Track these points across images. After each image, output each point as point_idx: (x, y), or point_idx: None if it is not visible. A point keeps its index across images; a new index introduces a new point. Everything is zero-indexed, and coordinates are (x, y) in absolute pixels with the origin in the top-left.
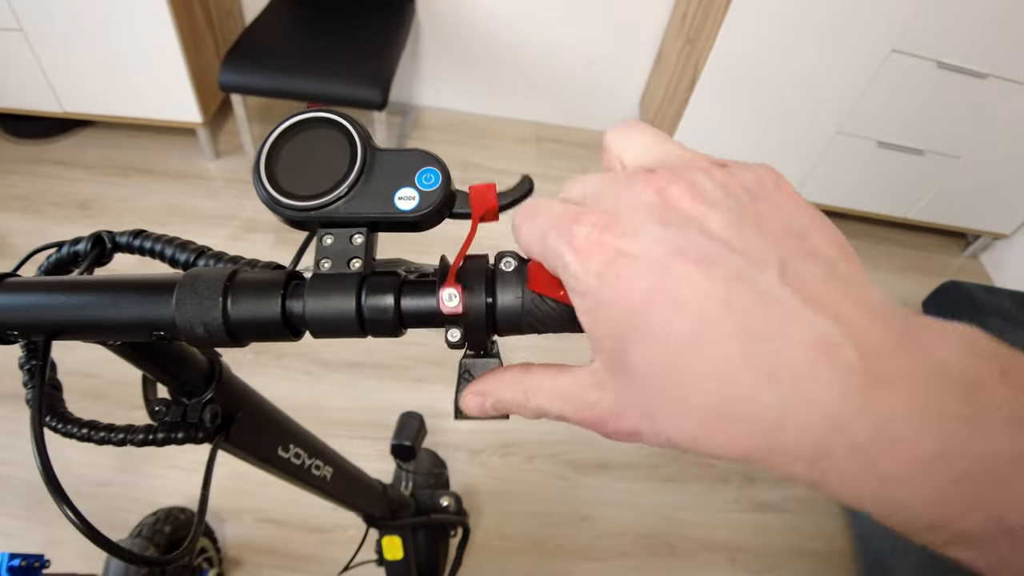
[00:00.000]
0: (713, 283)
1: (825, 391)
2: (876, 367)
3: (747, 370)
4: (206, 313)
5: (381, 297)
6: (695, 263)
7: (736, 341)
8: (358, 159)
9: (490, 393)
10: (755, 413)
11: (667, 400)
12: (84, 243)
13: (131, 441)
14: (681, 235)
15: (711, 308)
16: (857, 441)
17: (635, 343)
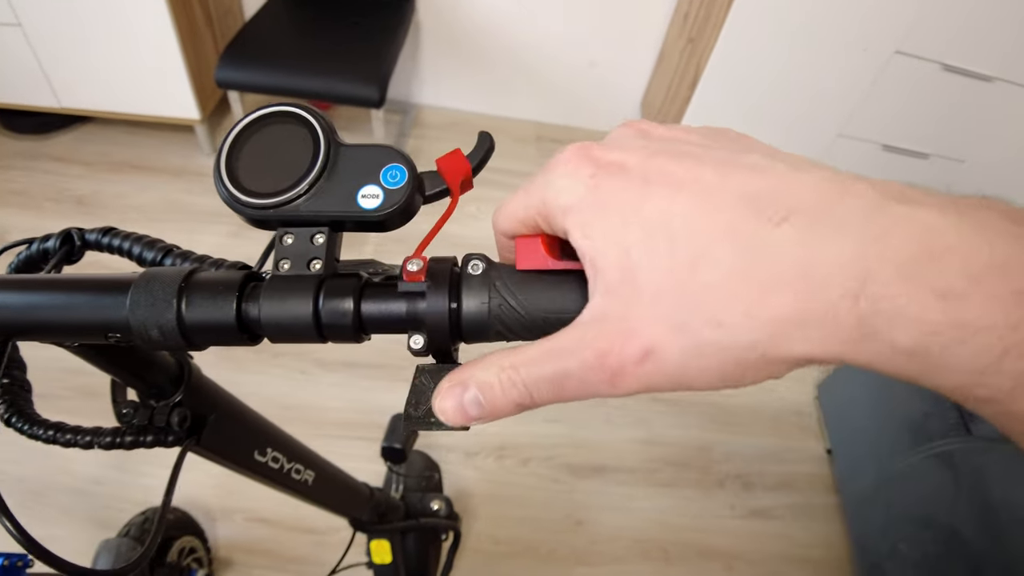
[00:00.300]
0: (702, 166)
1: (852, 212)
2: (900, 192)
3: (758, 219)
4: (160, 315)
5: (340, 301)
6: (682, 158)
7: (739, 201)
8: (320, 155)
9: (469, 379)
10: (779, 256)
11: (683, 287)
12: (53, 240)
13: (98, 444)
14: (663, 145)
15: (707, 183)
16: (903, 254)
17: (637, 237)
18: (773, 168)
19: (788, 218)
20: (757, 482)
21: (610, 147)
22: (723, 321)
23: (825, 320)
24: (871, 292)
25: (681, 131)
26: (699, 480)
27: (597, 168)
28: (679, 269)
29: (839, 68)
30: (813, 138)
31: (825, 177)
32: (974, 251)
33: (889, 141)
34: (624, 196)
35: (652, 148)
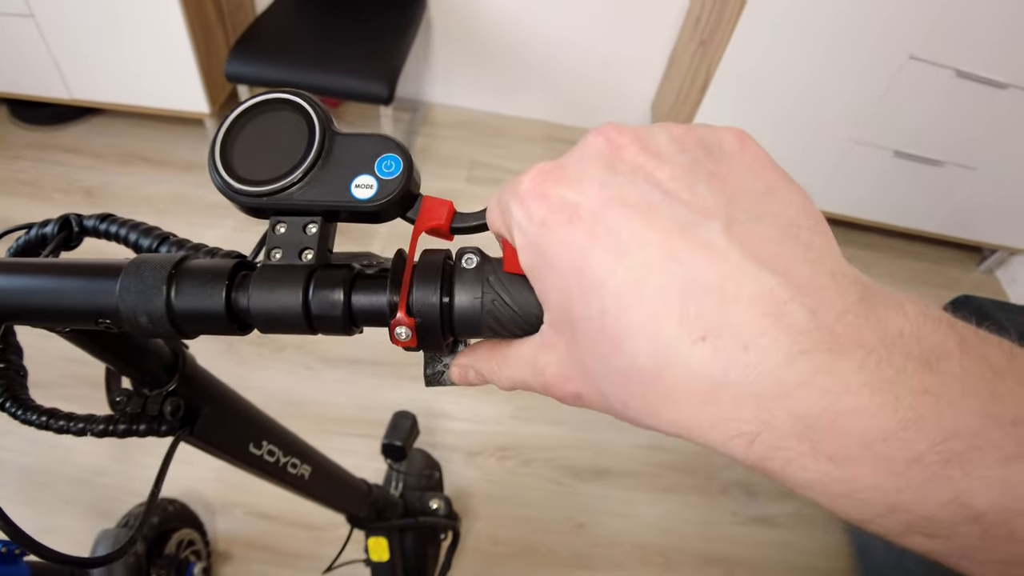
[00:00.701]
0: (652, 231)
1: (768, 353)
2: (829, 331)
3: (680, 326)
4: (149, 302)
5: (330, 292)
6: (636, 210)
7: (671, 294)
8: (315, 143)
9: (470, 365)
10: (687, 376)
11: (601, 358)
12: (52, 225)
13: (91, 431)
14: (626, 183)
15: (648, 257)
16: (804, 413)
17: (575, 295)
18: (725, 257)
19: (707, 338)
20: (760, 489)
21: (567, 177)
22: (630, 407)
23: (721, 445)
24: (765, 440)
25: (658, 156)
26: (702, 486)
27: (548, 212)
28: (605, 344)
29: (852, 73)
30: (824, 143)
31: (769, 287)
32: (878, 414)
33: (901, 147)
34: (568, 252)
35: (610, 189)
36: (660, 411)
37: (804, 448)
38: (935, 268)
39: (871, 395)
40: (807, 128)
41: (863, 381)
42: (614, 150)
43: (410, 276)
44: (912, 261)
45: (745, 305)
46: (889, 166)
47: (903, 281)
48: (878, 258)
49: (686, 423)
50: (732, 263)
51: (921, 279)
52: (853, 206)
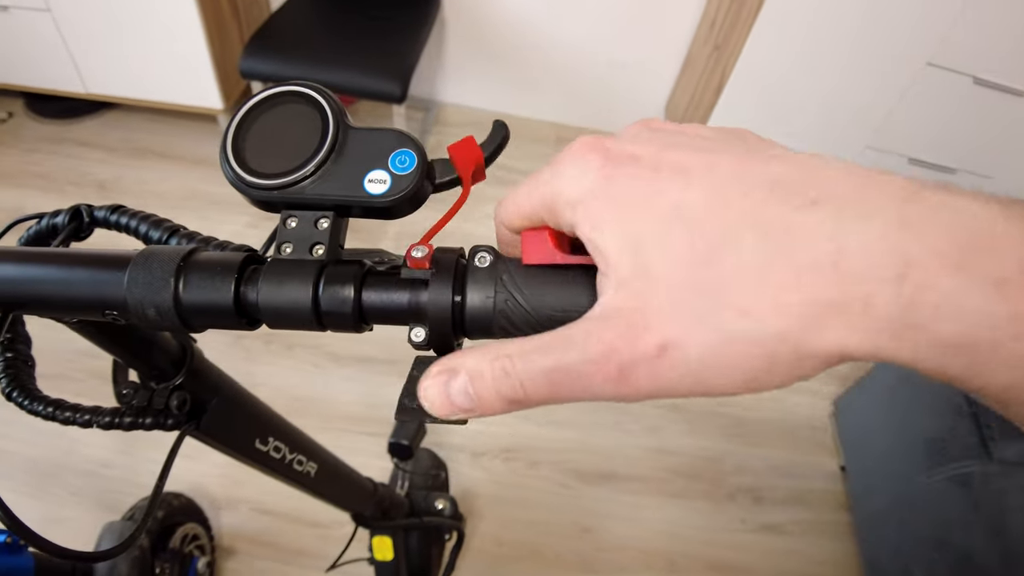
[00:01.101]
0: (716, 157)
1: (884, 200)
2: (932, 183)
3: (783, 203)
4: (157, 294)
5: (341, 288)
6: (693, 150)
7: (759, 188)
8: (328, 137)
9: (459, 366)
10: (810, 242)
11: (703, 278)
12: (63, 216)
13: (97, 423)
14: (672, 137)
15: (721, 173)
16: (946, 243)
17: (650, 228)
18: (796, 157)
19: (817, 202)
20: (768, 496)
21: (621, 140)
22: (750, 309)
23: (863, 308)
24: (915, 279)
25: (695, 128)
26: (710, 492)
27: (607, 159)
28: (698, 258)
29: (868, 79)
30: (838, 149)
31: (851, 167)
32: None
33: (916, 154)
34: (636, 186)
35: (665, 141)
36: (790, 293)
37: (962, 277)
38: None
39: (1012, 225)
40: (822, 134)
41: (996, 213)
42: (655, 125)
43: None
44: None
45: (838, 177)
46: (903, 173)
47: None
48: None
49: (824, 292)
50: (803, 160)
51: None
52: None
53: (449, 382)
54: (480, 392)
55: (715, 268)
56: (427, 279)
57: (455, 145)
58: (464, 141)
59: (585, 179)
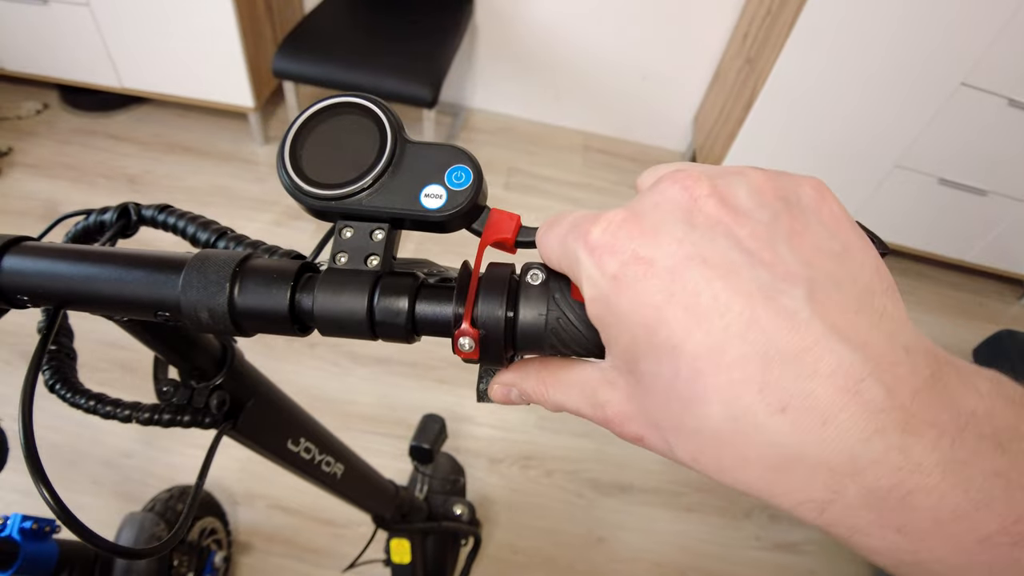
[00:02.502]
0: (734, 296)
1: (846, 429)
2: (903, 410)
3: (760, 396)
4: (212, 298)
5: (395, 299)
6: (716, 271)
7: (752, 363)
8: (387, 150)
9: (514, 384)
10: (762, 444)
11: (672, 414)
12: (110, 213)
13: (136, 419)
14: (705, 239)
15: (729, 323)
16: (875, 489)
17: (646, 354)
18: (806, 327)
19: (787, 410)
20: (784, 515)
21: (645, 230)
22: (702, 464)
23: (791, 508)
24: (835, 510)
25: (737, 212)
26: (725, 508)
27: (621, 266)
28: (675, 402)
29: (900, 97)
30: (868, 166)
31: (849, 362)
32: (950, 494)
33: (947, 175)
34: (641, 309)
35: (688, 246)
36: (731, 472)
37: (872, 518)
38: (974, 299)
39: (943, 475)
40: (851, 151)
41: (936, 461)
42: (691, 201)
43: (476, 288)
44: (952, 291)
45: (825, 379)
46: (932, 193)
47: (940, 311)
48: (914, 286)
49: (756, 485)
50: (814, 335)
51: (961, 310)
52: (894, 232)
53: (508, 393)
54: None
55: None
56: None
57: (498, 211)
58: (509, 215)
59: (598, 283)
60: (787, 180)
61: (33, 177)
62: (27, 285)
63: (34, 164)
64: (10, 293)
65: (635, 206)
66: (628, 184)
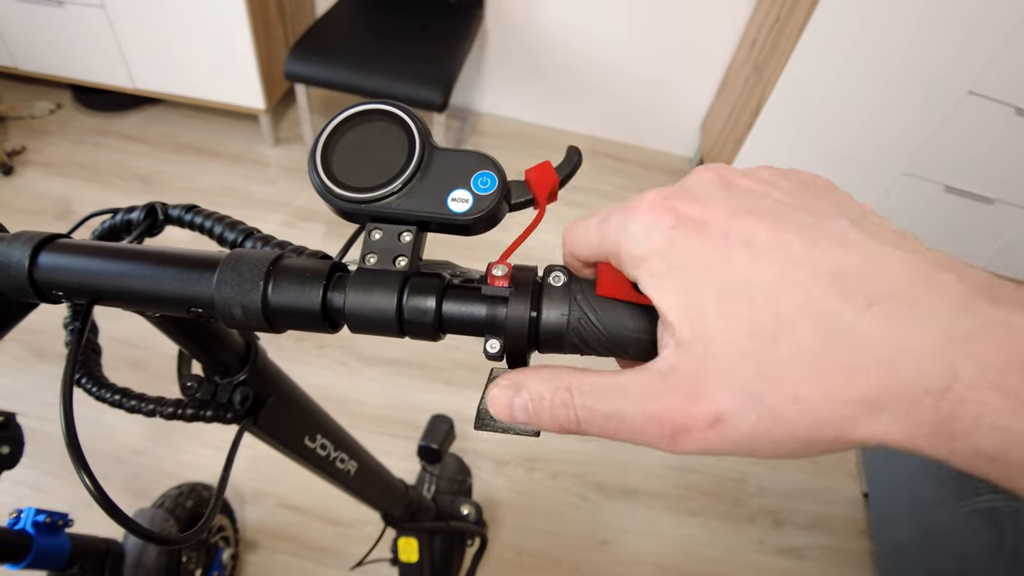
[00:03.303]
0: (786, 232)
1: (939, 306)
2: (982, 288)
3: (844, 300)
4: (246, 295)
5: (423, 298)
6: (764, 219)
7: (824, 276)
8: (415, 156)
9: (524, 385)
10: (861, 346)
11: (760, 356)
12: (138, 212)
13: (160, 413)
14: (747, 199)
15: (790, 251)
16: (991, 358)
17: (712, 299)
18: (861, 243)
19: (874, 304)
20: (789, 520)
21: (691, 198)
22: (802, 396)
23: (906, 412)
24: (956, 393)
25: (765, 183)
26: (729, 512)
27: (676, 221)
28: (758, 339)
29: (908, 105)
30: (875, 174)
31: (912, 261)
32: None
33: (953, 183)
34: (702, 255)
35: (734, 203)
36: (840, 389)
37: (998, 396)
38: None
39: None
40: (859, 158)
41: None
42: (725, 178)
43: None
44: None
45: (895, 274)
46: (939, 201)
47: None
48: None
49: (871, 392)
50: (868, 248)
51: None
52: None
53: (513, 397)
54: (537, 414)
55: (773, 349)
56: (507, 296)
57: (532, 169)
58: (541, 165)
59: (653, 240)
60: (799, 171)
61: (46, 176)
62: (63, 281)
63: (47, 163)
64: (45, 289)
65: (677, 185)
66: (635, 189)
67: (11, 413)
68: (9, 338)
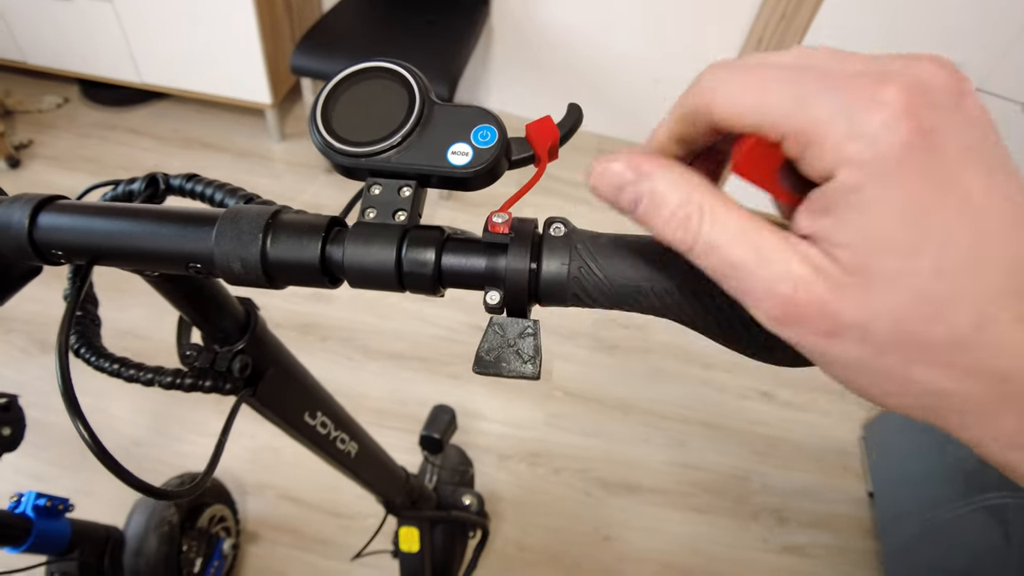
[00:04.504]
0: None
1: None
2: None
3: (1010, 304)
4: (244, 248)
5: (423, 251)
6: (986, 175)
7: (1013, 273)
8: (415, 110)
9: (649, 176)
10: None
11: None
12: (139, 182)
13: (159, 383)
14: (980, 141)
15: (997, 227)
16: None
17: (905, 240)
18: None
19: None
20: (793, 518)
21: (935, 107)
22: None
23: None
24: None
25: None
26: (733, 509)
27: (912, 135)
28: (924, 304)
29: None
30: None
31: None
32: None
33: None
34: (920, 189)
35: (968, 139)
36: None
37: None
38: None
39: None
40: None
41: None
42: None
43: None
44: None
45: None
46: None
47: None
48: None
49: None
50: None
51: None
52: None
53: (630, 182)
54: (650, 215)
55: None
56: (506, 243)
57: (533, 124)
58: (541, 120)
59: (881, 141)
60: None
61: (53, 169)
62: (62, 240)
63: (54, 156)
64: (45, 249)
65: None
66: None
67: (13, 395)
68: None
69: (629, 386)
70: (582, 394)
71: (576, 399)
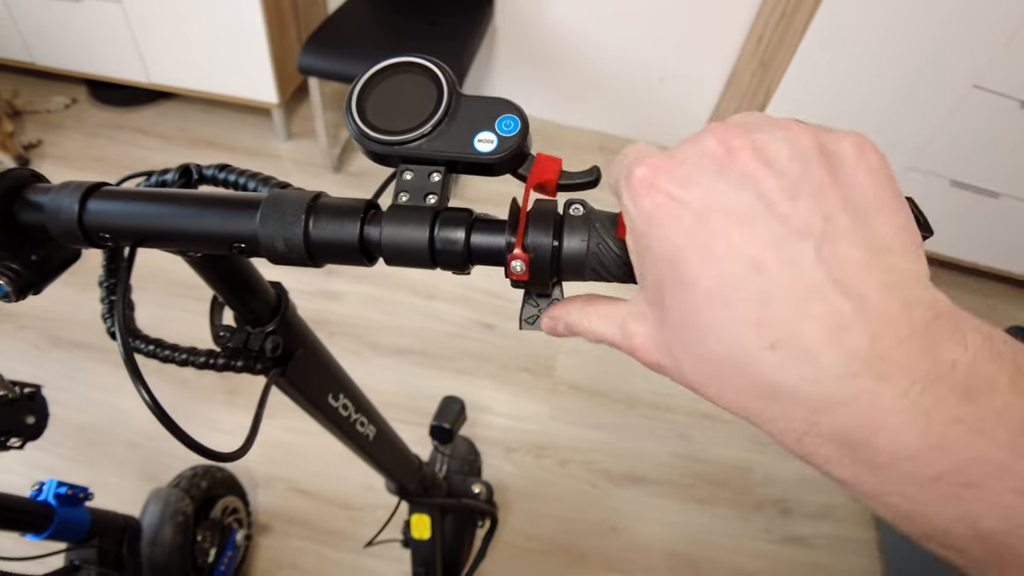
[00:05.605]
0: (747, 244)
1: (823, 370)
2: (881, 357)
3: (755, 332)
4: (288, 229)
5: (453, 230)
6: (735, 221)
7: (752, 303)
8: (444, 102)
9: (560, 317)
10: (753, 375)
11: (685, 343)
12: (172, 173)
13: (193, 363)
14: (731, 190)
15: (738, 267)
16: (844, 425)
17: (670, 286)
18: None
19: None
20: (796, 509)
21: (679, 177)
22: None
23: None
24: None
25: (768, 165)
26: (737, 500)
27: (654, 207)
28: (690, 332)
29: (912, 99)
30: None
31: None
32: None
33: (959, 177)
34: (668, 246)
35: (715, 195)
36: (726, 396)
37: (841, 453)
38: (987, 303)
39: (905, 419)
40: None
41: (901, 408)
42: (727, 153)
43: (525, 219)
44: (964, 294)
45: (814, 323)
46: (945, 195)
47: None
48: None
49: (746, 409)
50: (813, 283)
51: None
52: None
53: (555, 326)
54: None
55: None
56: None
57: (543, 156)
58: (552, 159)
59: (635, 216)
60: (827, 135)
61: (62, 169)
62: (111, 224)
63: (63, 156)
64: (93, 233)
65: (676, 153)
66: None
67: (37, 386)
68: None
69: (632, 380)
70: (586, 388)
71: (580, 393)
